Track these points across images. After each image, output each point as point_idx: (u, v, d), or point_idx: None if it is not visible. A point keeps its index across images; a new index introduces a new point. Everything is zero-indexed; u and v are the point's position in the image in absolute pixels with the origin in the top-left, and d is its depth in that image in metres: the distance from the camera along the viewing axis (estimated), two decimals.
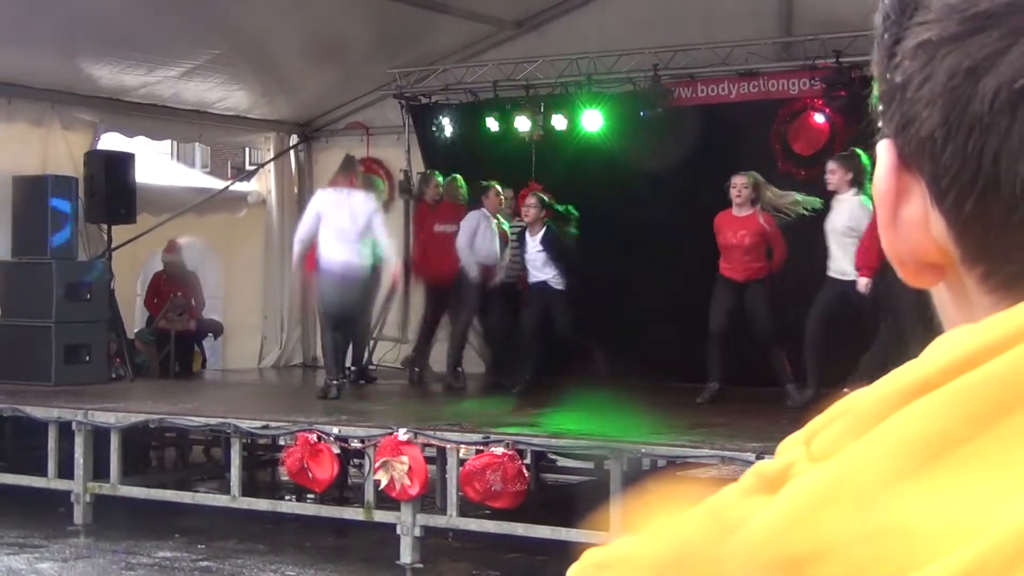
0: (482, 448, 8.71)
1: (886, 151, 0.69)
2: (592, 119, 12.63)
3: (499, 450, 8.53)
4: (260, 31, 12.84)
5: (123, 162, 12.95)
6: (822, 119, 11.82)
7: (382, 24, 13.29)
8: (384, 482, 8.78)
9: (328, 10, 12.53)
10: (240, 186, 16.08)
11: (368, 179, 12.77)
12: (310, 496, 10.01)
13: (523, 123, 12.94)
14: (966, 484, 0.58)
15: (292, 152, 15.59)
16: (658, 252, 11.85)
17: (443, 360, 12.44)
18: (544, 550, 8.49)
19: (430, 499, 9.46)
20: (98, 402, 10.49)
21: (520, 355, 11.66)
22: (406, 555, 8.86)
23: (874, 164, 0.71)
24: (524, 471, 8.70)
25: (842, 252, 9.88)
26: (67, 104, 13.06)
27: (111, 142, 13.68)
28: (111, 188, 12.64)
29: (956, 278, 0.68)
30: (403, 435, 8.85)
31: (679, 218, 11.63)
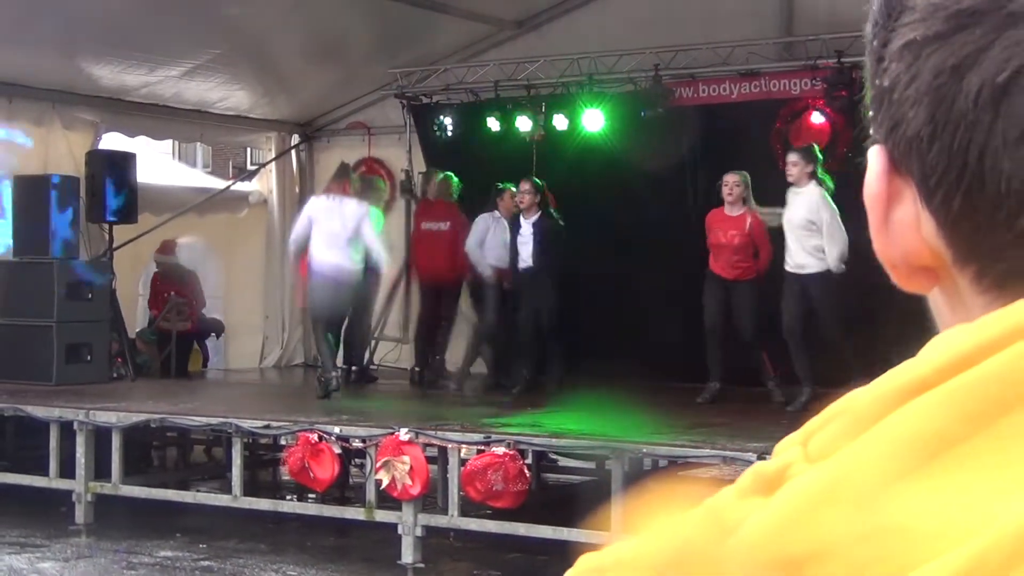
0: (483, 448, 8.72)
1: (876, 156, 0.70)
2: (593, 119, 12.62)
3: (500, 450, 8.54)
4: (261, 31, 12.84)
5: (124, 162, 12.96)
6: (823, 119, 11.81)
7: (383, 24, 13.29)
8: (385, 482, 8.78)
9: (329, 10, 12.53)
10: (241, 186, 16.09)
11: (368, 181, 12.82)
12: (311, 496, 10.01)
13: (524, 123, 12.94)
14: (964, 483, 0.58)
15: (293, 152, 15.59)
16: (658, 252, 11.85)
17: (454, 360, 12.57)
18: (545, 550, 8.49)
19: (431, 499, 9.46)
20: (99, 402, 10.49)
21: (518, 355, 11.66)
22: (407, 555, 8.87)
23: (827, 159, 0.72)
24: (525, 471, 8.70)
25: (799, 246, 9.84)
26: (68, 104, 13.07)
27: (112, 142, 13.69)
28: (112, 188, 12.65)
29: (950, 280, 0.69)
30: (404, 435, 8.85)
31: (680, 218, 11.63)
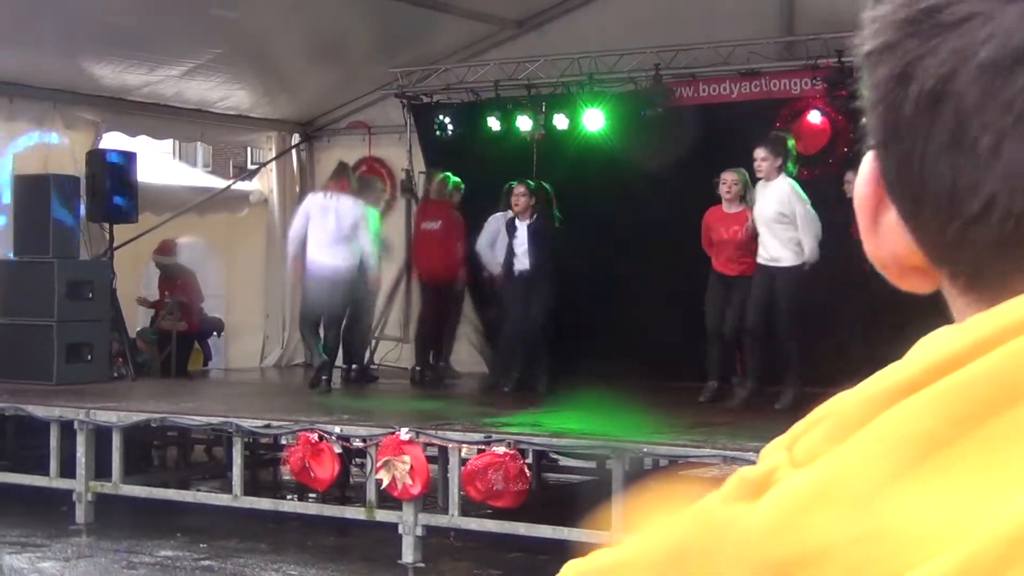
0: (484, 447, 8.72)
1: (867, 161, 0.71)
2: (593, 119, 12.61)
3: (501, 449, 8.54)
4: (262, 31, 12.84)
5: (125, 161, 12.95)
6: (824, 119, 11.81)
7: (383, 23, 13.29)
8: (386, 481, 8.78)
9: (329, 9, 12.53)
10: (242, 185, 16.09)
11: (366, 181, 12.85)
12: (312, 495, 10.01)
13: (524, 123, 12.93)
14: (954, 486, 0.58)
15: (294, 151, 15.59)
16: (659, 251, 11.84)
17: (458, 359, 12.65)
18: (546, 549, 8.48)
19: (432, 498, 9.46)
20: (100, 401, 10.49)
21: (510, 353, 11.64)
22: (408, 554, 8.86)
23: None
24: (526, 470, 8.70)
25: (774, 238, 9.83)
26: (69, 103, 13.06)
27: (113, 141, 13.69)
28: (113, 187, 12.65)
29: (940, 281, 0.69)
30: (405, 434, 8.85)
31: (680, 218, 11.60)
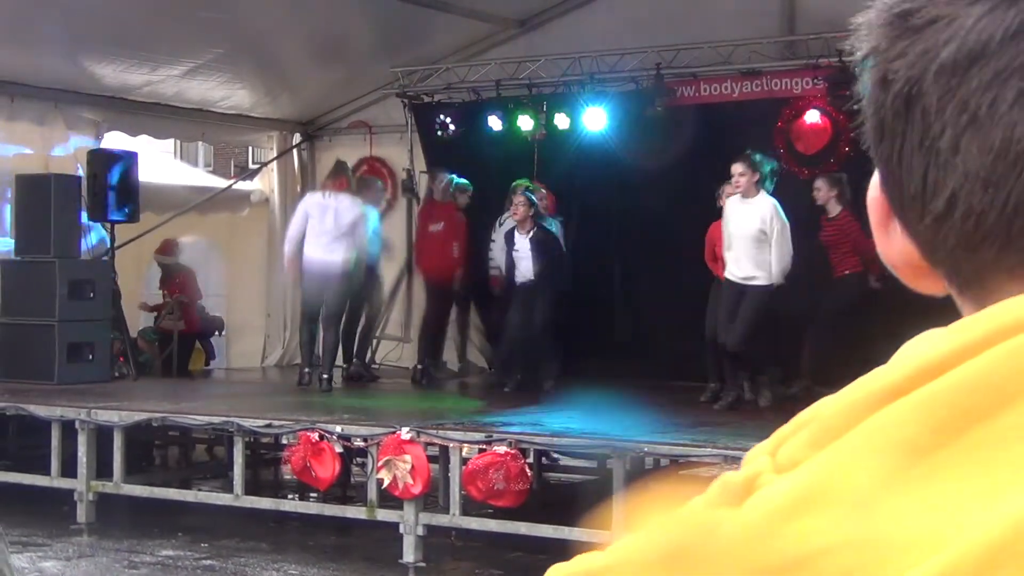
0: (485, 447, 8.71)
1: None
2: (595, 118, 12.61)
3: (502, 449, 8.53)
4: (263, 30, 12.84)
5: (126, 161, 12.95)
6: (825, 118, 11.80)
7: (385, 23, 13.29)
8: (387, 481, 8.78)
9: (331, 9, 12.53)
10: (243, 185, 16.09)
11: (366, 181, 12.85)
12: (313, 495, 10.01)
13: (526, 122, 12.93)
14: (935, 495, 0.58)
15: (295, 151, 15.59)
16: (660, 251, 11.84)
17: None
18: (547, 549, 8.47)
19: (433, 498, 9.45)
20: (101, 401, 10.49)
21: (512, 354, 11.63)
22: (409, 554, 8.86)
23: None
24: (527, 470, 8.70)
25: (748, 258, 9.77)
26: (70, 103, 13.06)
27: (114, 141, 13.69)
28: (114, 187, 12.64)
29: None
30: (406, 434, 8.85)
31: (681, 217, 11.61)
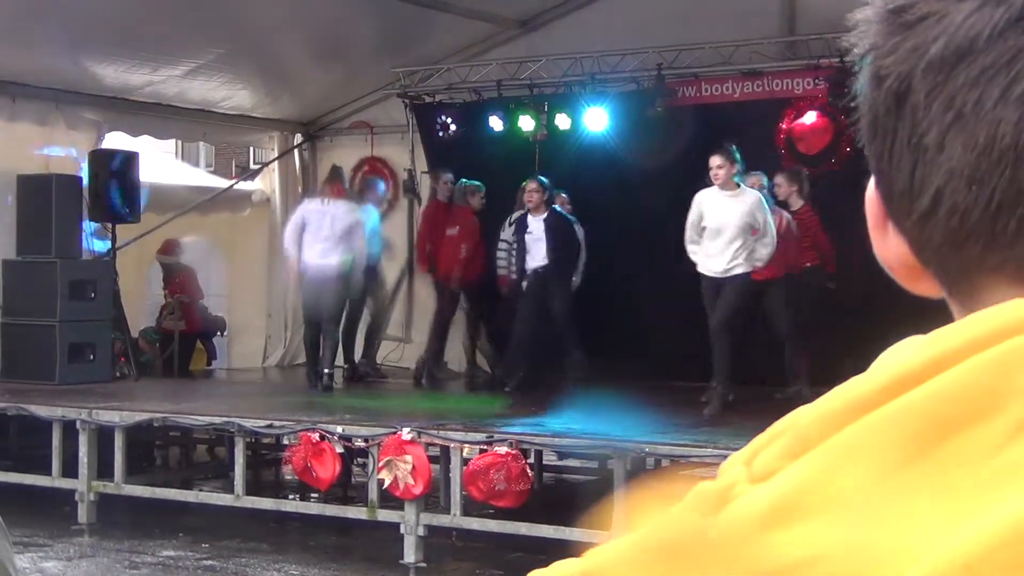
0: (486, 447, 8.72)
1: None
2: (596, 118, 12.62)
3: (503, 449, 8.54)
4: (264, 30, 12.84)
5: (127, 161, 12.96)
6: (826, 118, 11.80)
7: (386, 23, 13.29)
8: (388, 481, 8.78)
9: (332, 9, 12.53)
10: (244, 185, 16.10)
11: (368, 182, 12.84)
12: (314, 495, 10.01)
13: (527, 122, 12.94)
14: (908, 511, 0.57)
15: (296, 151, 15.60)
16: (661, 251, 11.83)
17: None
18: (547, 549, 8.46)
19: (434, 498, 9.44)
20: (102, 401, 10.50)
21: (517, 351, 11.64)
22: (410, 554, 8.87)
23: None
24: (528, 470, 8.70)
25: (729, 251, 9.76)
26: (71, 103, 13.07)
27: (115, 141, 13.69)
28: (115, 187, 12.65)
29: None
30: (407, 434, 8.85)
31: (682, 217, 11.58)
